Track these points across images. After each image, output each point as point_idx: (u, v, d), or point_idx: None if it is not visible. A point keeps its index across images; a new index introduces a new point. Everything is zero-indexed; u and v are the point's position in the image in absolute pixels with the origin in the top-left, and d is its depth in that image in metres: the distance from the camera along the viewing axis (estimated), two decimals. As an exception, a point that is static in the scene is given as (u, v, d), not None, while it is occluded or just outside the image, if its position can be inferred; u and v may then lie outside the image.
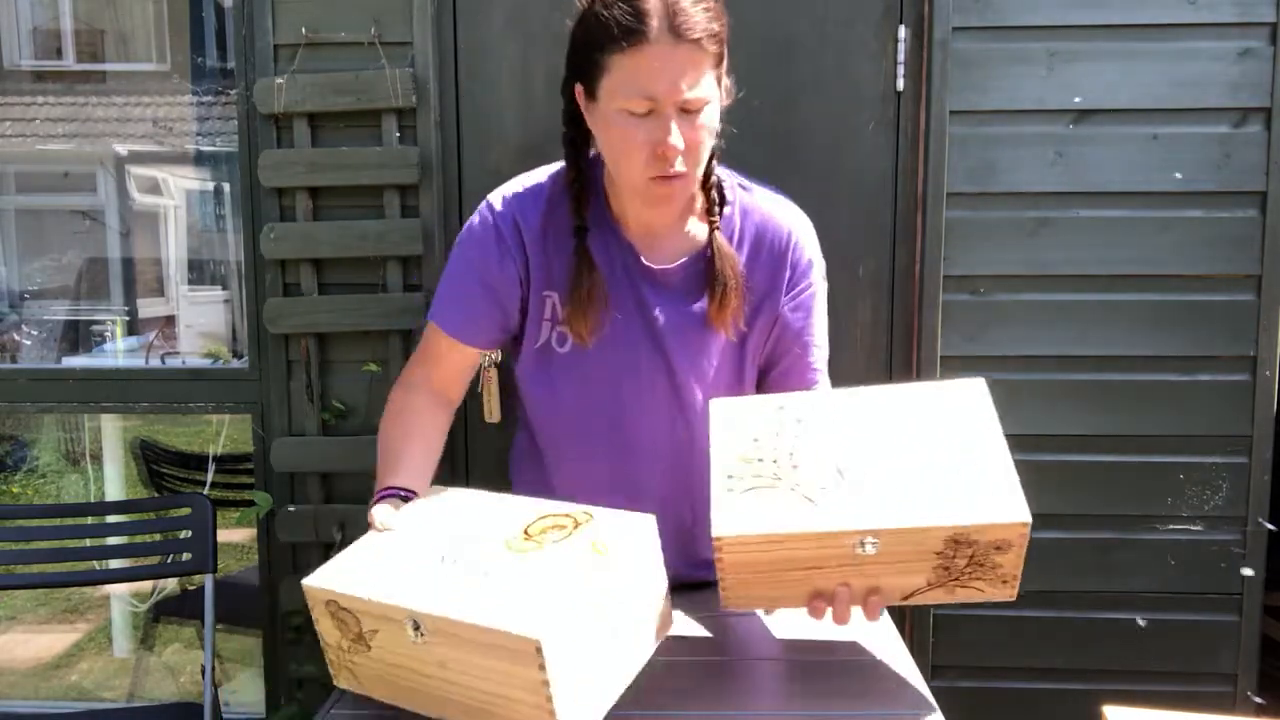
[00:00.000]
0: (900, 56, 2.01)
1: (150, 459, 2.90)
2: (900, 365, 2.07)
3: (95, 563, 2.42)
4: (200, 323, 2.78)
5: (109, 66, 3.47)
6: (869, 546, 0.96)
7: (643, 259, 1.25)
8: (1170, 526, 2.05)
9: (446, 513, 1.09)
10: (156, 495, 2.87)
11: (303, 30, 2.02)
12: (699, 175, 1.19)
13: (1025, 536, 0.96)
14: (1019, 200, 2.01)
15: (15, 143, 3.65)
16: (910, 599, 1.03)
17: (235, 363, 2.43)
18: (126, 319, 3.15)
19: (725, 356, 1.28)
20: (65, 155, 3.58)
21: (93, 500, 3.20)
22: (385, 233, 2.04)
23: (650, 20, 1.07)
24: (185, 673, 2.86)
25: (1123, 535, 2.05)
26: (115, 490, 2.98)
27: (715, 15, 1.11)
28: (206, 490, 2.66)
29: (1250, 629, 2.06)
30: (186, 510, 1.98)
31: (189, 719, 1.92)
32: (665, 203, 1.19)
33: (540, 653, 0.84)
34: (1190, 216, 1.99)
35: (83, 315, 3.19)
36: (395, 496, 1.13)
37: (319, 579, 1.00)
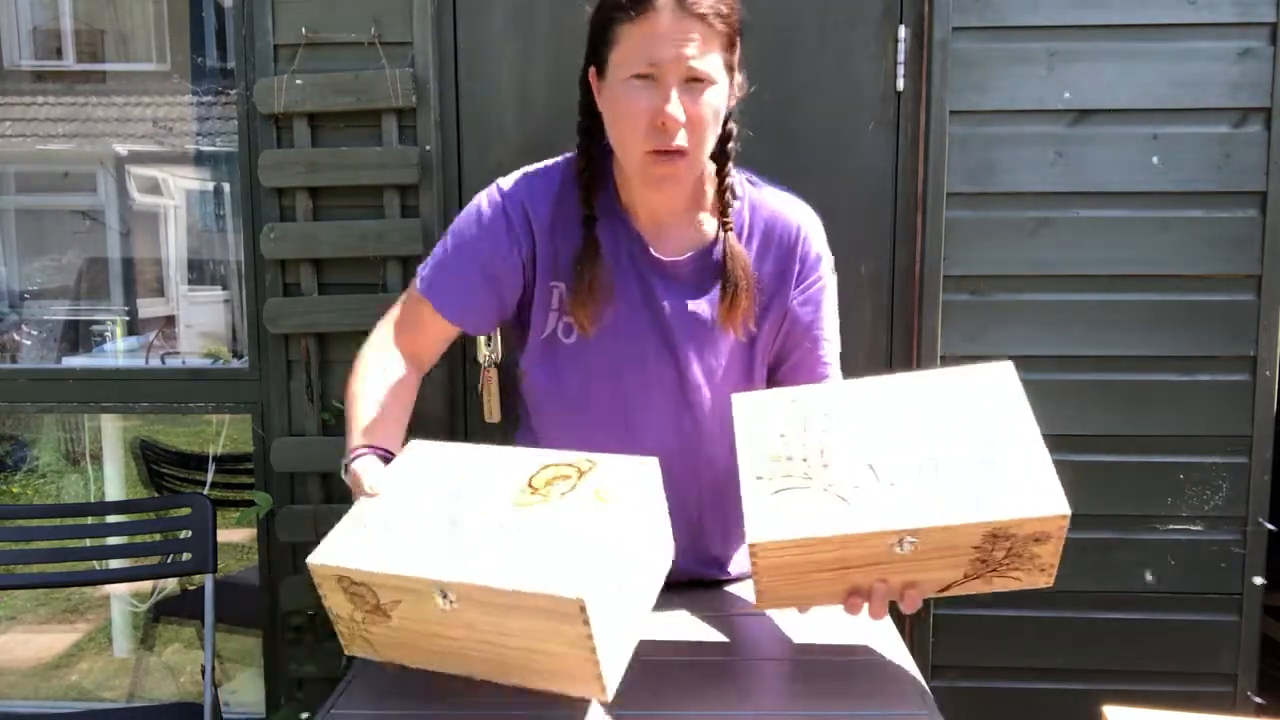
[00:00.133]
0: (900, 56, 2.01)
1: (150, 459, 2.90)
2: (900, 365, 2.07)
3: (95, 563, 2.42)
4: (200, 323, 2.78)
5: (109, 66, 3.47)
6: (906, 545, 0.95)
7: (651, 250, 1.25)
8: (1170, 526, 2.05)
9: (436, 471, 1.07)
10: (156, 495, 2.87)
11: (303, 30, 2.02)
12: (702, 158, 1.19)
13: (1064, 528, 0.94)
14: (1019, 200, 2.01)
15: (15, 143, 3.65)
16: (947, 591, 1.02)
17: (235, 363, 2.43)
18: (126, 319, 3.15)
19: (734, 352, 1.28)
20: (65, 155, 3.58)
21: (93, 500, 3.20)
22: (385, 233, 2.04)
23: None
24: (185, 673, 2.86)
25: (1123, 535, 2.05)
26: (115, 490, 2.98)
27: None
28: (206, 490, 2.66)
29: (1250, 629, 2.06)
30: (186, 510, 1.98)
31: (189, 719, 1.92)
32: (666, 183, 1.18)
33: (584, 610, 0.86)
34: (1190, 216, 1.99)
35: (83, 315, 3.19)
36: (372, 455, 1.12)
37: (326, 556, 0.98)
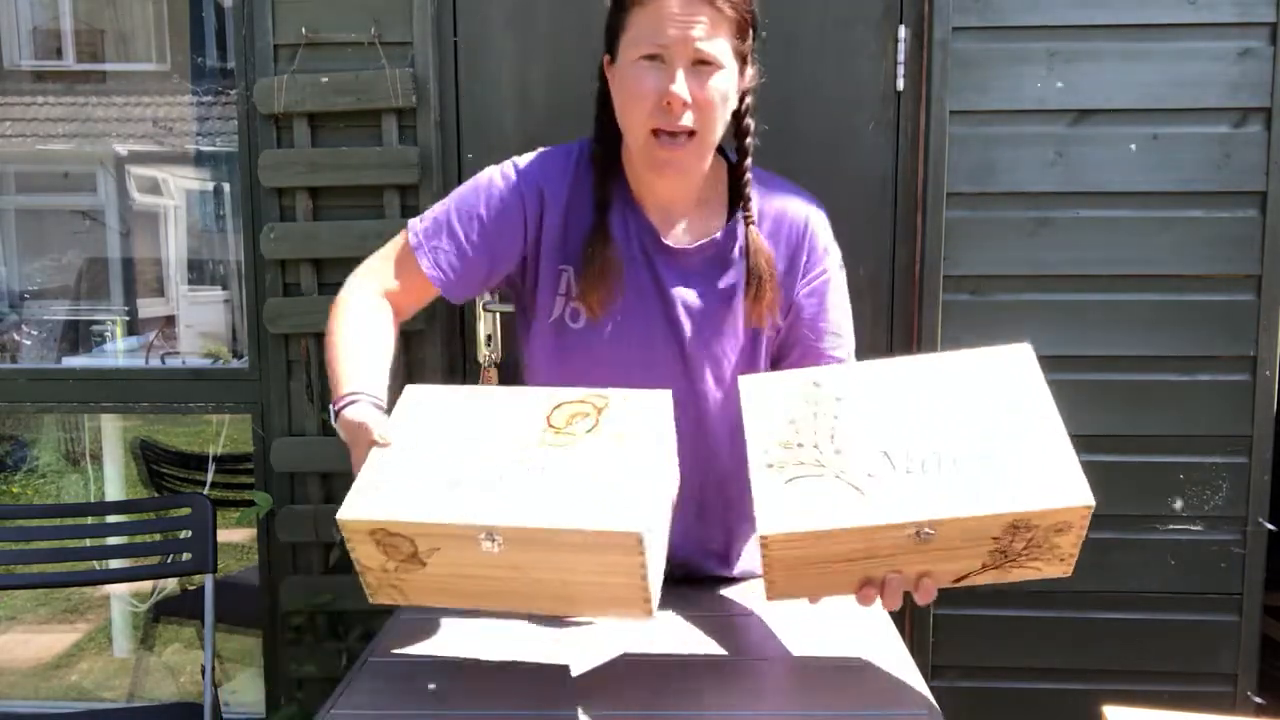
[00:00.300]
0: (900, 56, 2.01)
1: (150, 459, 2.90)
2: (900, 365, 2.07)
3: (95, 563, 2.42)
4: (200, 323, 2.78)
5: (109, 66, 3.47)
6: (924, 537, 0.92)
7: (661, 238, 1.26)
8: (1170, 526, 2.05)
9: (443, 416, 1.06)
10: (156, 495, 2.87)
11: (303, 30, 2.02)
12: (709, 143, 1.19)
13: (1087, 518, 0.90)
14: (1019, 200, 2.01)
15: (15, 143, 3.65)
16: (963, 581, 0.99)
17: (235, 363, 2.44)
18: (126, 319, 3.15)
19: (740, 342, 1.28)
20: (65, 155, 3.58)
21: (93, 500, 3.20)
22: (385, 233, 2.00)
23: None
24: (185, 673, 2.86)
25: (1123, 535, 2.05)
26: (115, 490, 2.99)
27: None
28: (206, 490, 2.66)
29: (1250, 629, 2.06)
30: (186, 510, 1.98)
31: (189, 719, 1.92)
32: (669, 168, 1.19)
33: (641, 542, 0.89)
34: (1190, 216, 1.99)
35: (83, 315, 3.19)
36: (366, 402, 1.10)
37: (359, 510, 0.97)
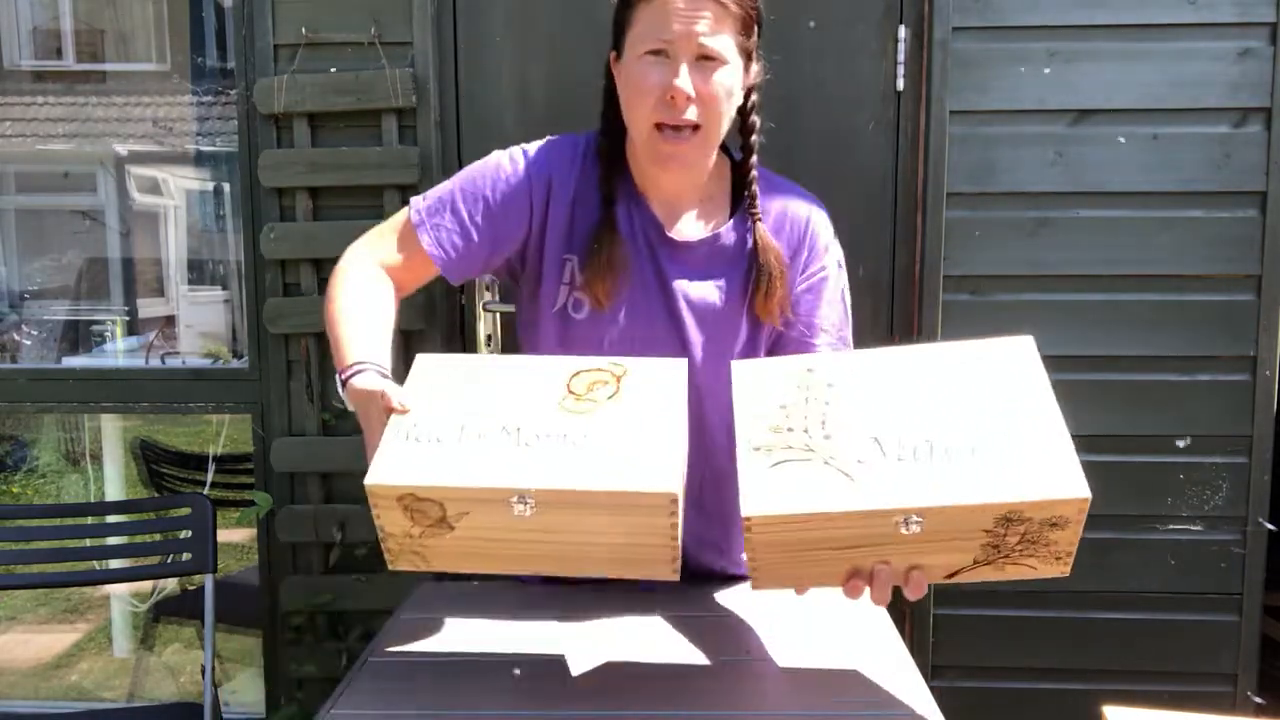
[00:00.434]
0: (900, 56, 2.01)
1: (150, 459, 2.90)
2: (900, 365, 2.08)
3: (95, 563, 2.42)
4: (200, 323, 2.78)
5: (109, 66, 3.46)
6: (912, 526, 0.89)
7: (665, 231, 1.26)
8: (1170, 526, 2.05)
9: (459, 383, 1.06)
10: (156, 495, 2.87)
11: (303, 30, 2.02)
12: (714, 138, 1.20)
13: (1084, 512, 0.88)
14: (1019, 200, 2.01)
15: (15, 143, 3.65)
16: (956, 576, 0.96)
17: (235, 363, 2.44)
18: (126, 319, 3.15)
19: (740, 337, 1.29)
20: (65, 155, 3.58)
21: (93, 500, 3.20)
22: (385, 233, 2.03)
23: None
24: (185, 673, 2.86)
25: (1123, 535, 2.05)
26: (115, 490, 2.99)
27: None
28: (206, 490, 2.66)
29: (1250, 629, 2.06)
30: (186, 510, 1.98)
31: (189, 719, 1.92)
32: (672, 162, 1.19)
33: (675, 503, 0.90)
34: (1190, 216, 1.99)
35: (83, 315, 3.19)
36: (374, 371, 1.09)
37: (388, 476, 0.95)
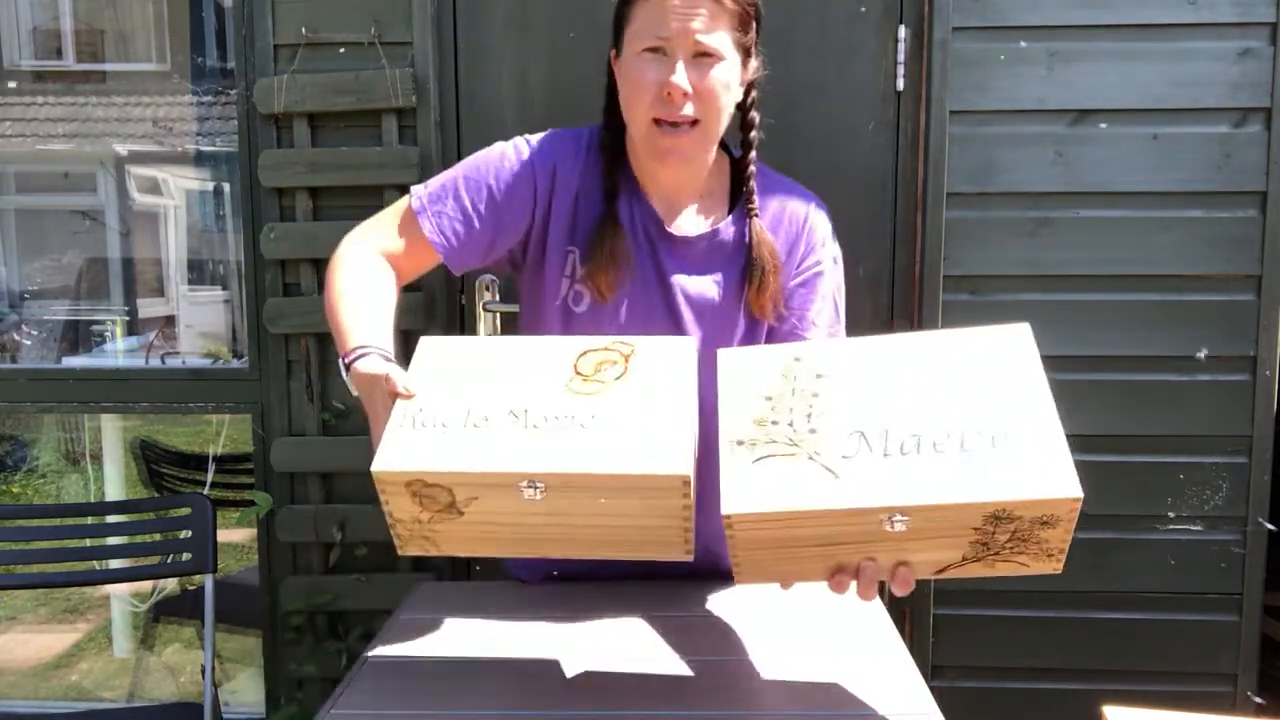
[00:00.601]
0: (900, 56, 2.01)
1: (150, 459, 2.90)
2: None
3: (95, 563, 2.42)
4: (200, 323, 2.78)
5: (109, 66, 3.46)
6: (897, 524, 0.87)
7: (665, 226, 1.27)
8: (1170, 526, 2.05)
9: (463, 365, 1.05)
10: (156, 495, 2.87)
11: (303, 30, 2.02)
12: (712, 133, 1.20)
13: (1076, 511, 0.85)
14: (1019, 200, 2.01)
15: (15, 143, 3.64)
16: (945, 573, 0.94)
17: (235, 363, 2.44)
18: (126, 319, 3.15)
19: (738, 332, 1.29)
20: (65, 155, 3.58)
21: (93, 500, 3.20)
22: (385, 233, 2.03)
23: None
24: (185, 673, 2.86)
25: (1123, 535, 2.05)
26: (115, 490, 2.98)
27: None
28: (206, 490, 2.66)
29: (1250, 629, 2.06)
30: (186, 510, 1.98)
31: (189, 719, 1.92)
32: (671, 156, 1.20)
33: (687, 484, 0.89)
34: (1190, 216, 1.99)
35: (83, 315, 3.19)
36: (378, 355, 1.08)
37: (395, 462, 0.94)
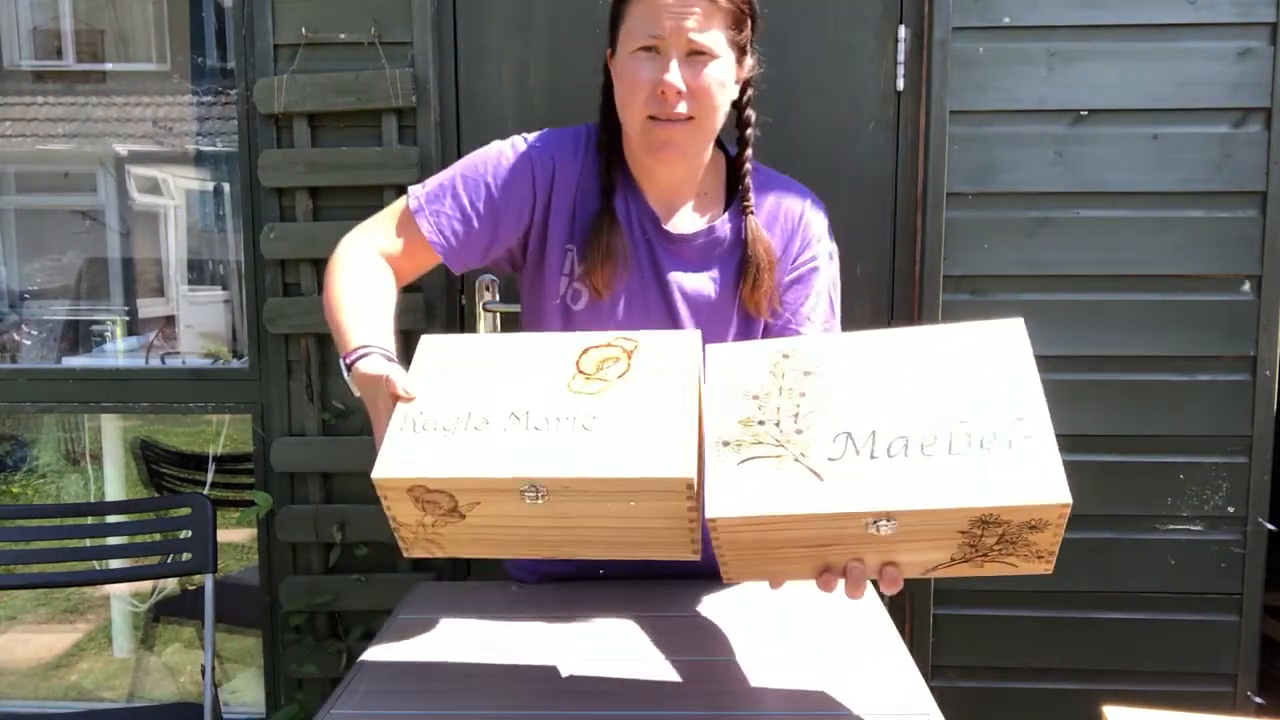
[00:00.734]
0: (900, 56, 2.01)
1: (150, 459, 2.90)
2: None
3: (95, 563, 2.42)
4: (200, 323, 2.78)
5: (109, 66, 3.46)
6: (883, 528, 0.86)
7: (662, 223, 1.27)
8: (1170, 526, 2.05)
9: (464, 365, 1.03)
10: (156, 495, 2.87)
11: (303, 30, 2.02)
12: (707, 130, 1.20)
13: (1065, 516, 0.84)
14: (1019, 200, 2.01)
15: (15, 143, 3.64)
16: (933, 573, 0.94)
17: (235, 363, 2.44)
18: (126, 319, 3.15)
19: (734, 330, 1.30)
20: (65, 155, 3.57)
21: (93, 500, 3.20)
22: (385, 233, 2.03)
23: None
24: (185, 673, 2.86)
25: (1123, 535, 2.05)
26: (115, 490, 2.98)
27: None
28: (206, 490, 2.67)
29: (1250, 629, 2.06)
30: (186, 510, 1.98)
31: (189, 719, 1.92)
32: (666, 150, 1.20)
33: (691, 488, 0.88)
34: (1190, 216, 1.99)
35: (83, 315, 3.18)
36: (379, 355, 1.07)
37: (395, 468, 0.93)
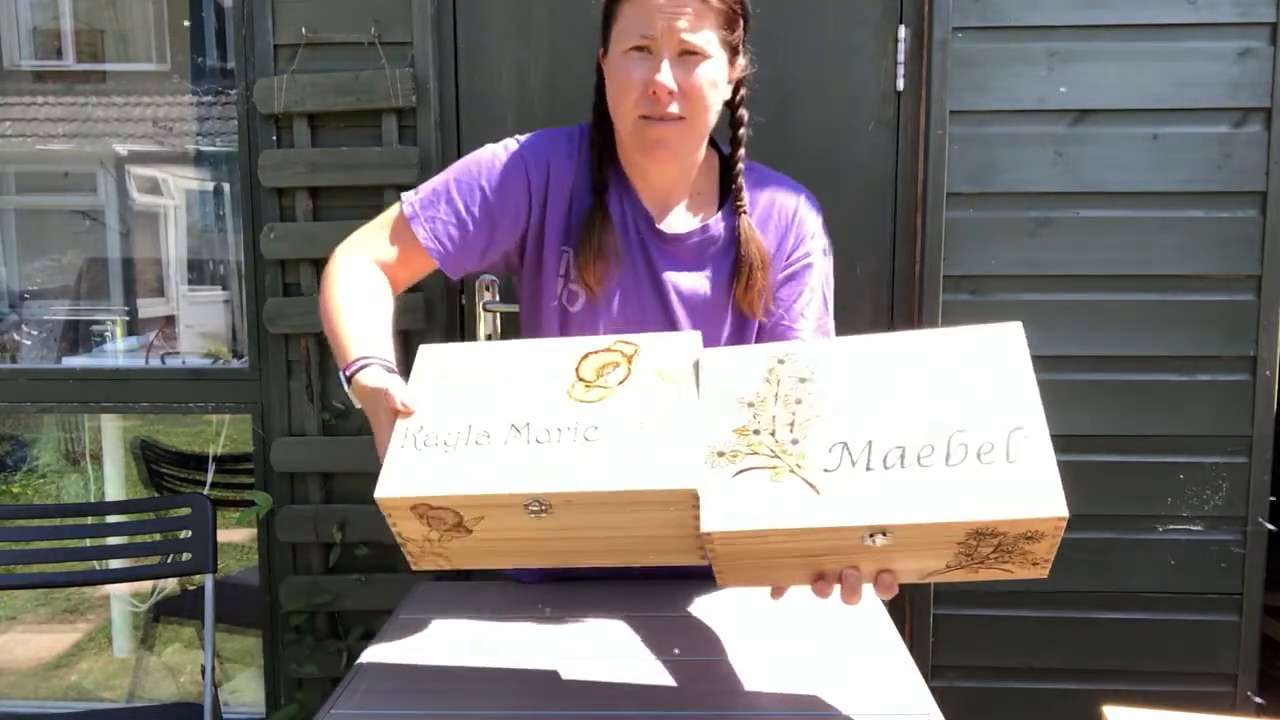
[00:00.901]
0: (900, 56, 2.01)
1: (150, 459, 2.90)
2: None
3: (95, 563, 2.42)
4: (200, 323, 2.78)
5: (109, 66, 3.46)
6: (879, 540, 0.85)
7: (656, 223, 1.27)
8: (1170, 526, 2.05)
9: (463, 375, 1.03)
10: (156, 495, 2.87)
11: (303, 30, 2.02)
12: (699, 129, 1.20)
13: (1061, 528, 0.84)
14: (1019, 200, 2.01)
15: (15, 143, 3.64)
16: (929, 578, 0.94)
17: (235, 363, 2.44)
18: (126, 319, 3.15)
19: (732, 328, 1.29)
20: (65, 155, 3.57)
21: (93, 500, 3.20)
22: (385, 233, 2.03)
23: None
24: (185, 673, 2.86)
25: (1123, 535, 2.05)
26: (115, 490, 2.98)
27: None
28: (206, 490, 2.67)
29: (1250, 629, 2.06)
30: (186, 510, 1.98)
31: (189, 719, 1.92)
32: (659, 149, 1.19)
33: (696, 498, 0.87)
34: (1190, 216, 1.99)
35: (83, 315, 3.18)
36: (378, 366, 1.06)
37: (398, 488, 0.92)
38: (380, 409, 1.01)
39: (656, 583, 1.32)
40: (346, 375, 1.07)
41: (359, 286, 1.19)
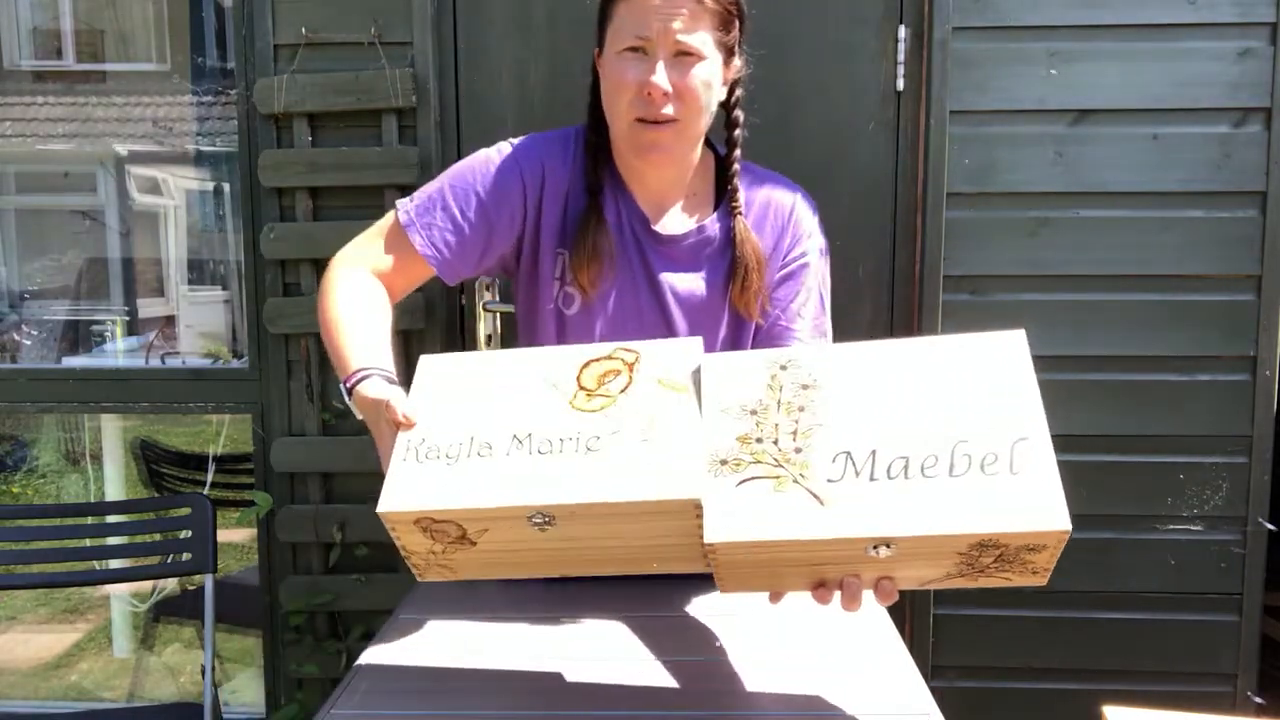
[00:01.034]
0: (900, 56, 2.01)
1: (150, 459, 2.90)
2: (900, 365, 2.08)
3: (95, 563, 2.42)
4: (200, 323, 2.78)
5: (109, 66, 3.46)
6: (881, 551, 0.86)
7: (651, 224, 1.27)
8: (1170, 526, 2.05)
9: (463, 386, 1.02)
10: (156, 495, 2.87)
11: (303, 30, 2.02)
12: (693, 131, 1.20)
13: (1063, 541, 0.84)
14: (1019, 200, 2.01)
15: (15, 143, 3.64)
16: (928, 585, 0.94)
17: (235, 363, 2.44)
18: (126, 319, 3.15)
19: (728, 330, 1.29)
20: (65, 155, 3.57)
21: (93, 500, 3.20)
22: (385, 233, 2.03)
23: None
24: (185, 673, 2.86)
25: (1123, 535, 2.05)
26: (115, 490, 2.98)
27: None
28: (206, 490, 2.67)
29: (1250, 629, 2.06)
30: (186, 510, 1.98)
31: (189, 719, 1.92)
32: (653, 152, 1.19)
33: (700, 507, 0.87)
34: (1190, 216, 1.99)
35: (83, 315, 3.18)
36: (379, 377, 1.06)
37: (401, 502, 0.92)
38: (381, 421, 1.01)
39: (656, 583, 1.32)
40: (347, 387, 1.07)
41: (357, 297, 1.19)
